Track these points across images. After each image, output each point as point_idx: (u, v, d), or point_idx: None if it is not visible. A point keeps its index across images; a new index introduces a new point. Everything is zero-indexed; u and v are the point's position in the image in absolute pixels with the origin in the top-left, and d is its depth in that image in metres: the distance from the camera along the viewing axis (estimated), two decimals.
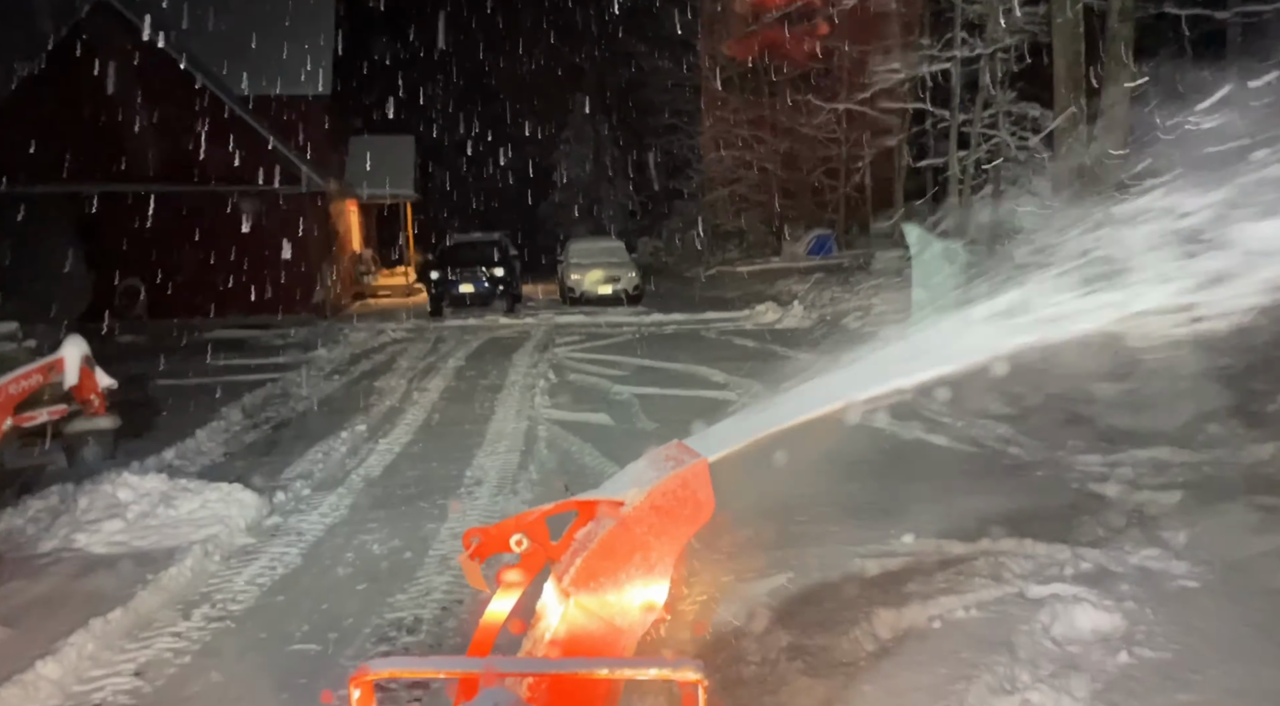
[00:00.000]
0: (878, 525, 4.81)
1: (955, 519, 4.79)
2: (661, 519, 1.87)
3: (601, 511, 1.93)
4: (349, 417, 8.97)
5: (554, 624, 1.76)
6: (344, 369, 12.33)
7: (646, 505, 1.85)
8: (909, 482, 5.74)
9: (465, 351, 13.65)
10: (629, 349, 13.01)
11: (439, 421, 8.83)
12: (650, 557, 1.84)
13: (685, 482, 1.91)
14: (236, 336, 16.06)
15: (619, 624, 1.80)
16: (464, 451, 7.46)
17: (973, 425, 7.25)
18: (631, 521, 1.84)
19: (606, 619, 1.79)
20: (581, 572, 1.78)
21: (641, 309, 18.43)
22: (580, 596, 1.77)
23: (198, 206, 18.03)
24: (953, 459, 6.42)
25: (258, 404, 9.88)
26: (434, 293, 18.70)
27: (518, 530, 1.95)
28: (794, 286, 19.64)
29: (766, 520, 4.89)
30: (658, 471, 1.95)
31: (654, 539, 1.85)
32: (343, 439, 7.99)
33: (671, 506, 1.88)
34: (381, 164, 25.49)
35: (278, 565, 4.81)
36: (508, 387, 10.44)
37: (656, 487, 1.87)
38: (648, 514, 1.85)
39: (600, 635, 1.78)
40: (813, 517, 5.03)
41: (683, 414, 7.88)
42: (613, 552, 1.81)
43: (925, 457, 6.48)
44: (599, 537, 1.82)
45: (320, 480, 6.66)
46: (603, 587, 1.79)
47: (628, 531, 1.83)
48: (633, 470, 2.07)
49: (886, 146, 19.59)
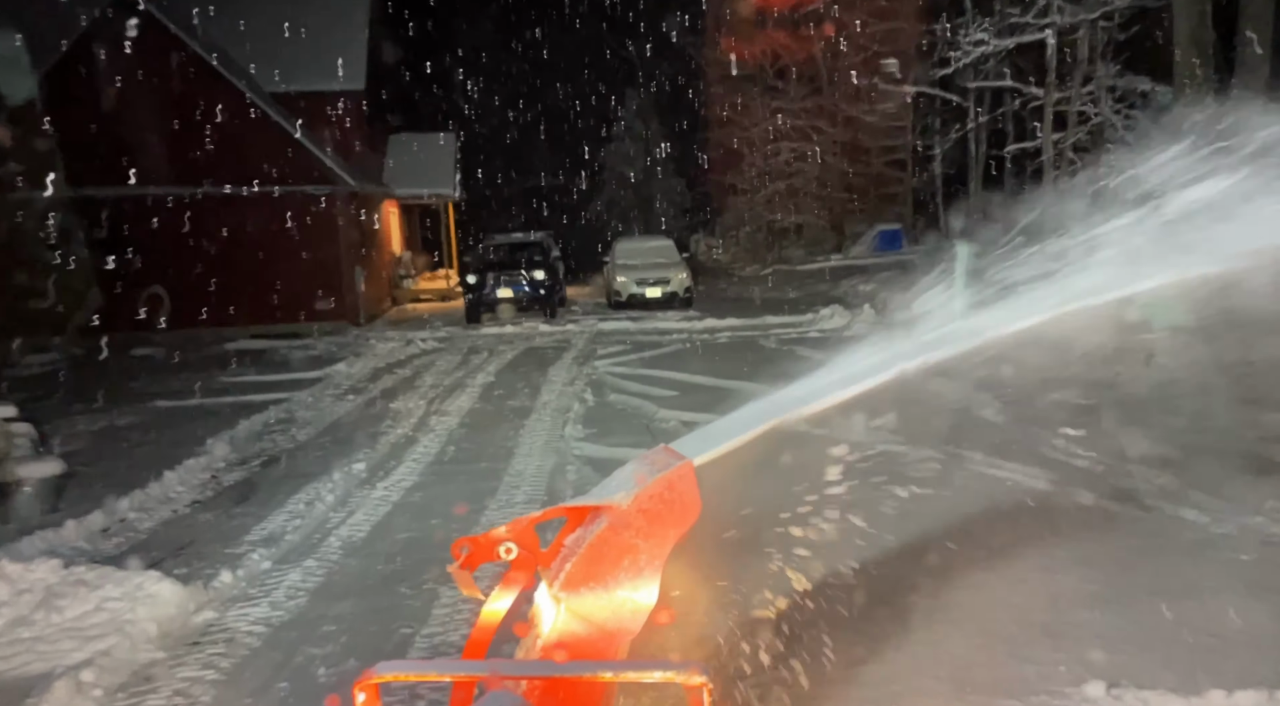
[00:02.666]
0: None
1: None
2: (649, 522, 1.87)
3: (590, 516, 1.94)
4: (350, 451, 7.69)
5: (546, 628, 1.79)
6: (362, 386, 11.09)
7: (634, 509, 1.86)
8: (1072, 582, 4.16)
9: (497, 364, 12.33)
10: (678, 362, 11.54)
11: (452, 457, 7.47)
12: (639, 560, 1.84)
13: (671, 485, 1.91)
14: (259, 347, 15.02)
15: (609, 627, 1.81)
16: (474, 501, 6.08)
17: (1117, 469, 5.65)
18: (619, 525, 1.85)
19: (597, 622, 1.80)
20: (571, 577, 1.81)
21: (693, 313, 16.93)
22: (570, 601, 1.79)
23: (224, 209, 17.02)
24: (1112, 528, 4.81)
25: (255, 432, 8.66)
26: (470, 298, 17.44)
27: (507, 538, 1.93)
28: (861, 286, 17.95)
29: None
30: (645, 475, 1.95)
31: (642, 542, 1.86)
32: (335, 482, 6.68)
33: (659, 509, 1.89)
34: (421, 163, 24.44)
35: (180, 701, 3.46)
36: (538, 412, 9.06)
37: (643, 491, 1.88)
38: (635, 517, 1.86)
39: (592, 638, 1.79)
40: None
41: (742, 454, 6.38)
42: (602, 556, 1.83)
43: (1076, 527, 4.87)
44: (587, 542, 1.84)
45: (288, 547, 5.33)
46: (592, 591, 1.81)
47: (616, 535, 1.84)
48: (620, 475, 2.07)
49: (962, 132, 17.70)
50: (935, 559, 4.31)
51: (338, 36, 20.31)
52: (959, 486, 5.64)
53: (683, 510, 1.91)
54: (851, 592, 3.90)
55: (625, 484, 1.95)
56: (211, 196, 16.85)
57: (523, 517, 1.96)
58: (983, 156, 18.94)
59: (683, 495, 1.92)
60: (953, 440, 6.66)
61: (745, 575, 3.68)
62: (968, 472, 5.91)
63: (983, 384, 7.85)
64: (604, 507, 1.89)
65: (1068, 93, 13.37)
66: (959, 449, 6.42)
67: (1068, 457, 6.05)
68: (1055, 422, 6.71)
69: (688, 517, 1.92)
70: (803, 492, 3.87)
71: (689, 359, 11.76)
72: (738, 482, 2.57)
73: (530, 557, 1.94)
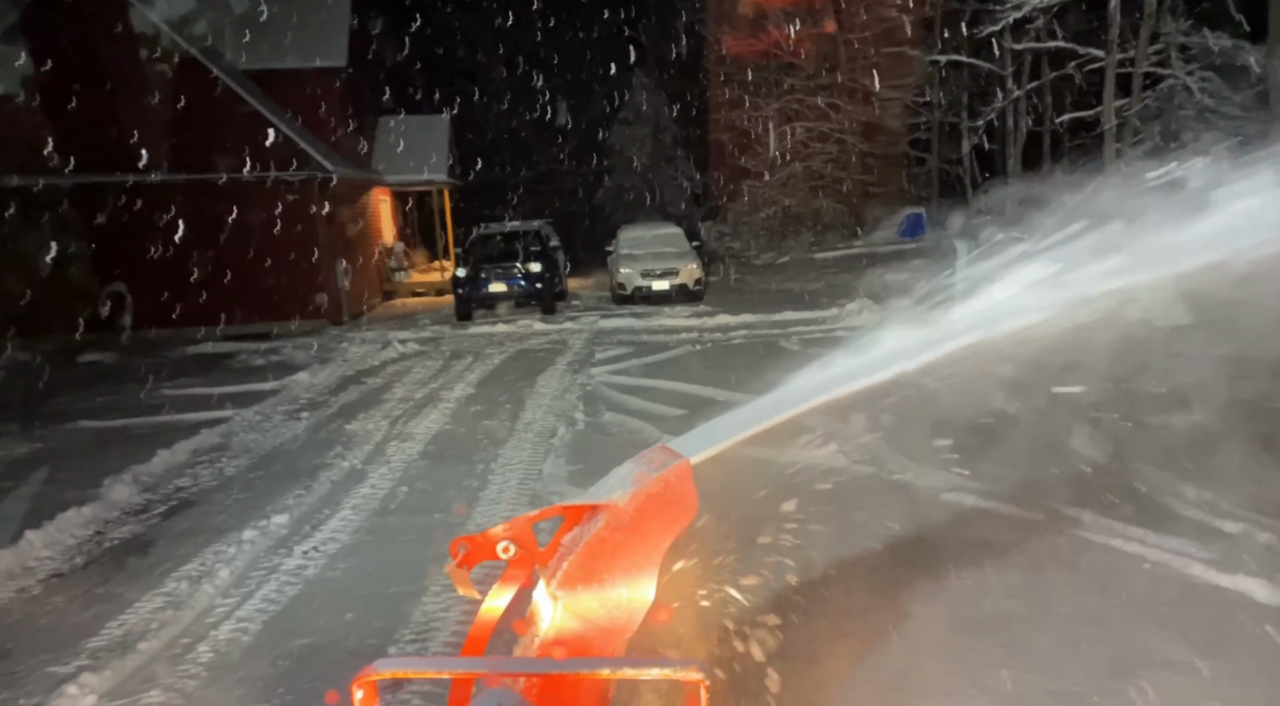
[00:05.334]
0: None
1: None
2: (646, 520, 1.85)
3: (588, 516, 1.91)
4: (279, 494, 6.20)
5: (544, 627, 1.77)
6: (321, 400, 9.60)
7: (631, 508, 1.83)
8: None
9: (481, 371, 10.81)
10: (687, 369, 9.98)
11: (401, 504, 5.96)
12: (636, 559, 1.83)
13: (669, 484, 1.89)
14: (223, 350, 13.56)
15: (607, 626, 1.79)
16: (411, 579, 4.56)
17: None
18: (616, 524, 1.82)
19: (595, 621, 1.78)
20: (568, 576, 1.78)
21: (704, 308, 15.35)
22: (567, 599, 1.77)
23: (188, 198, 15.51)
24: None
25: (174, 466, 7.17)
26: (460, 293, 15.89)
27: (504, 537, 1.91)
28: (890, 276, 16.30)
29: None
30: (642, 474, 1.94)
31: (639, 540, 1.84)
32: (243, 543, 5.19)
33: (656, 508, 1.86)
34: (413, 147, 22.88)
35: None
36: (517, 437, 7.53)
37: (640, 490, 1.86)
38: (633, 516, 1.83)
39: (589, 636, 1.77)
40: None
41: (773, 505, 4.87)
42: (599, 555, 1.80)
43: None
44: (585, 541, 1.81)
45: (135, 665, 3.82)
46: (590, 590, 1.79)
47: (613, 534, 1.82)
48: (618, 474, 2.03)
49: (1004, 103, 15.96)
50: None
51: (317, 10, 18.74)
52: (1089, 572, 4.07)
53: (680, 509, 1.90)
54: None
55: (622, 482, 1.92)
56: (173, 184, 15.34)
57: (520, 517, 1.94)
58: (1022, 132, 17.20)
59: (680, 494, 1.90)
60: (1042, 485, 5.10)
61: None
62: (1089, 548, 4.33)
63: (1066, 403, 6.28)
64: (601, 506, 1.86)
65: (1130, 53, 11.65)
66: (1057, 501, 4.85)
67: (1213, 517, 4.48)
68: (1178, 457, 5.15)
69: (684, 516, 1.91)
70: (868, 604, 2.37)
71: (699, 365, 10.21)
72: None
73: (528, 556, 1.93)
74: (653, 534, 1.85)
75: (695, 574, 3.15)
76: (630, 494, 1.84)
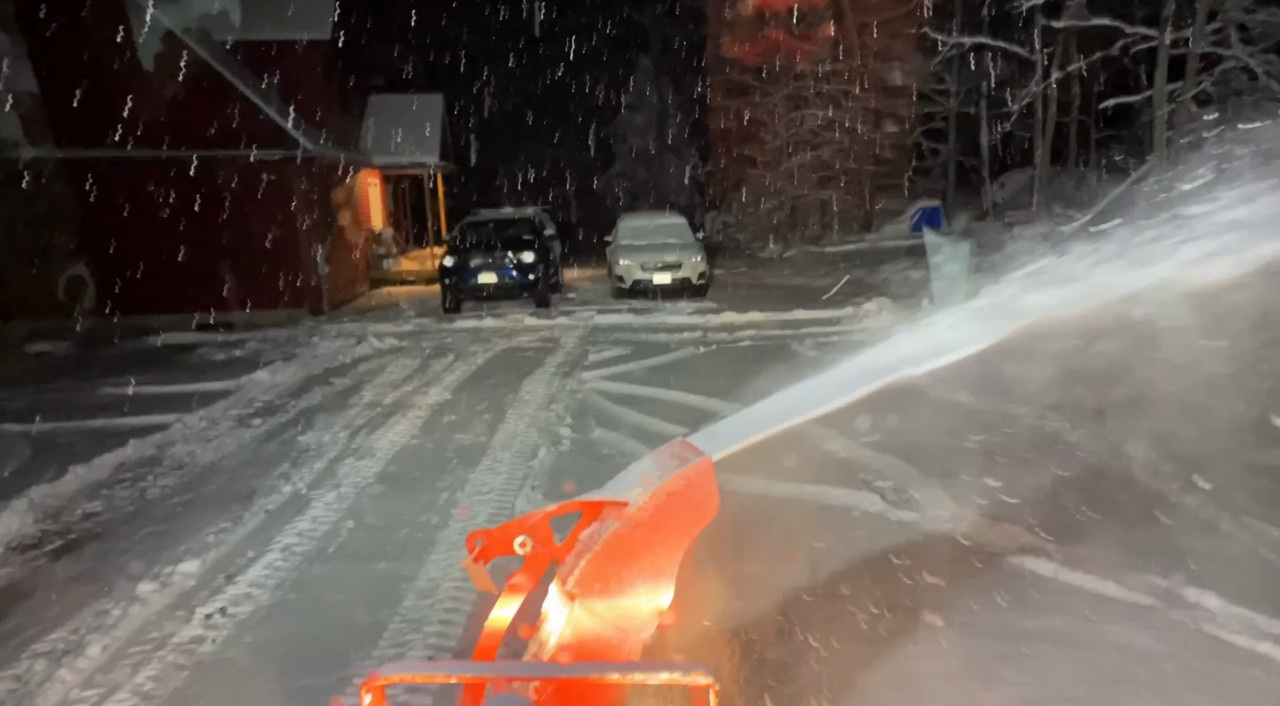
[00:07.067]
0: None
1: None
2: (666, 519, 1.81)
3: (606, 512, 1.88)
4: (200, 527, 5.17)
5: (559, 627, 1.73)
6: (278, 404, 8.54)
7: (650, 505, 1.80)
8: None
9: (462, 372, 9.75)
10: (689, 374, 8.93)
11: (342, 547, 4.91)
12: (654, 559, 1.79)
13: (690, 482, 1.84)
14: (185, 342, 12.49)
15: (624, 626, 1.75)
16: (328, 666, 3.52)
17: None
18: (635, 522, 1.79)
19: (611, 621, 1.74)
20: (586, 574, 1.73)
21: (708, 304, 14.28)
22: (585, 598, 1.72)
23: (160, 178, 14.40)
24: None
25: (86, 486, 6.13)
26: (447, 283, 14.82)
27: (521, 532, 1.89)
28: (909, 273, 15.22)
29: None
30: (662, 471, 1.89)
31: (658, 539, 1.80)
32: (135, 600, 4.16)
33: (676, 506, 1.82)
34: (404, 127, 21.77)
35: None
36: (492, 455, 6.49)
37: (661, 487, 1.82)
38: (652, 514, 1.80)
39: (605, 637, 1.73)
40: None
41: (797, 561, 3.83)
42: (617, 554, 1.77)
43: None
44: (603, 539, 1.77)
45: None
46: (607, 589, 1.75)
47: (632, 532, 1.79)
48: (637, 469, 1.99)
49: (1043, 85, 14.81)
50: None
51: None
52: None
53: (701, 508, 1.85)
54: None
55: (642, 479, 1.86)
56: (140, 161, 14.24)
57: (536, 510, 1.90)
58: (1051, 121, 16.09)
59: (701, 493, 1.85)
60: (1136, 548, 4.06)
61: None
62: (1234, 654, 3.27)
63: (1151, 435, 5.24)
64: (620, 503, 1.83)
65: (1185, 33, 10.54)
66: (1169, 576, 3.79)
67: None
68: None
69: (705, 516, 1.86)
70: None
71: (704, 371, 9.15)
72: None
73: (545, 552, 1.88)
74: (672, 534, 1.82)
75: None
76: (650, 491, 1.82)
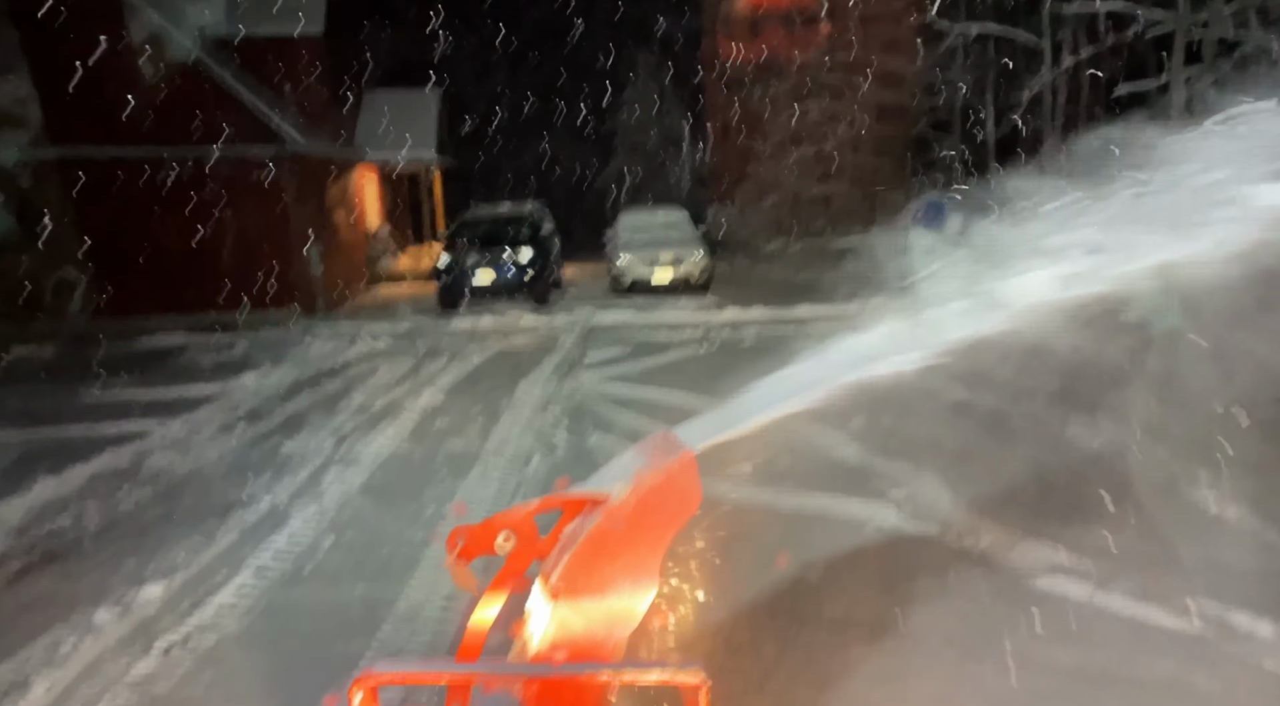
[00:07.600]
0: None
1: None
2: (648, 513, 1.79)
3: (588, 508, 1.87)
4: (170, 545, 4.85)
5: (543, 623, 1.70)
6: (264, 409, 8.22)
7: (632, 500, 1.78)
8: None
9: (456, 374, 9.42)
10: (692, 375, 8.61)
11: (319, 567, 4.58)
12: (638, 553, 1.77)
13: (672, 476, 1.83)
14: (173, 344, 12.16)
15: (607, 622, 1.73)
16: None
17: None
18: (617, 517, 1.77)
19: (594, 617, 1.72)
20: (569, 570, 1.72)
21: (711, 301, 13.94)
22: (568, 594, 1.70)
23: (149, 176, 14.11)
24: None
25: (59, 499, 5.82)
26: (443, 282, 14.49)
27: (504, 528, 1.87)
28: (912, 268, 14.86)
29: None
30: (644, 464, 1.87)
31: (641, 534, 1.78)
32: (90, 631, 3.85)
33: (658, 501, 1.80)
34: (401, 123, 21.45)
35: None
36: (484, 462, 6.16)
37: (642, 481, 1.80)
38: (634, 509, 1.78)
39: (589, 633, 1.70)
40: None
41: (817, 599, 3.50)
42: (599, 549, 1.75)
43: None
44: (585, 534, 1.75)
45: None
46: (590, 585, 1.72)
47: (613, 528, 1.77)
48: (620, 463, 1.97)
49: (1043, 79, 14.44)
50: None
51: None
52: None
53: (683, 502, 1.84)
54: None
55: (624, 473, 1.84)
56: (129, 159, 13.94)
57: (519, 506, 1.88)
58: (1060, 111, 15.71)
59: (683, 486, 1.84)
60: (1181, 570, 3.72)
61: None
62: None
63: None
64: (601, 499, 1.81)
65: (1201, 16, 10.17)
66: (1214, 599, 3.45)
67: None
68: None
69: (687, 509, 1.85)
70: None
71: (707, 372, 8.82)
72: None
73: (528, 549, 1.86)
74: (655, 528, 1.81)
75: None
76: (632, 486, 1.80)
